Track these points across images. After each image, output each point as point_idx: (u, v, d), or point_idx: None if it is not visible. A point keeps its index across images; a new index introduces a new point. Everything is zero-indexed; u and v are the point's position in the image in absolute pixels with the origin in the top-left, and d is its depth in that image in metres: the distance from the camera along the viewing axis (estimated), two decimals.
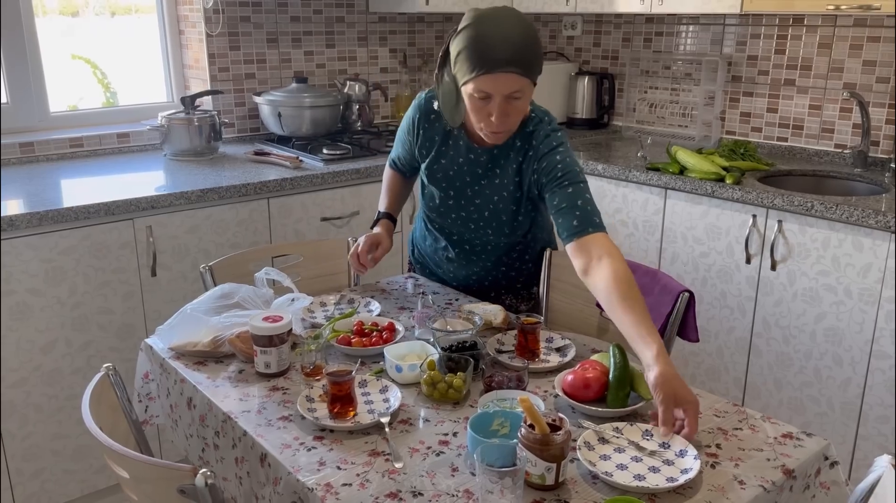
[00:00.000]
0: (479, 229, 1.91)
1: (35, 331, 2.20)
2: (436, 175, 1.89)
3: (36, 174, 2.57)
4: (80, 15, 3.07)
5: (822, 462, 1.32)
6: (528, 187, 1.80)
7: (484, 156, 1.82)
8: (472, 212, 1.89)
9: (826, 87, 2.85)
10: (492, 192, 1.84)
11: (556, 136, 1.76)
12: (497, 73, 1.56)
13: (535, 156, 1.76)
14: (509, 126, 1.68)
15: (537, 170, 1.75)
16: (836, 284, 2.28)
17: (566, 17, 3.64)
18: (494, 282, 2.03)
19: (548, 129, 1.77)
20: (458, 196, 1.89)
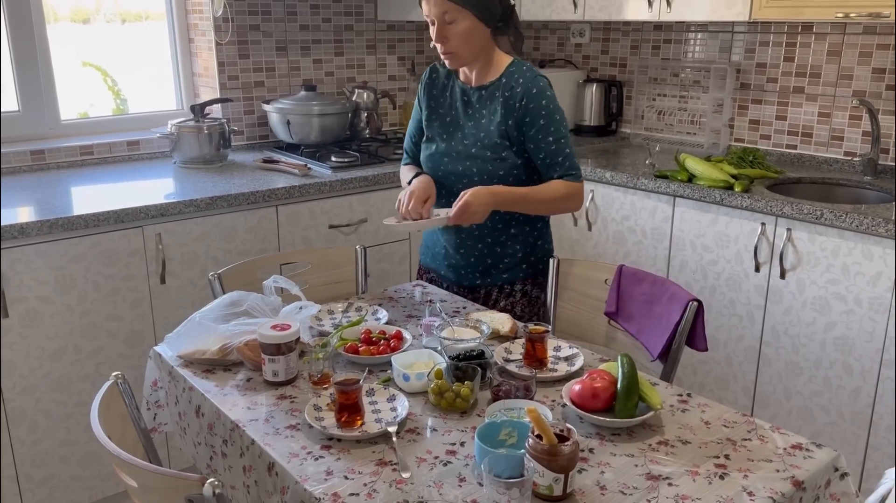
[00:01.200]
0: (466, 171, 1.97)
1: (45, 338, 2.21)
2: (433, 123, 2.05)
3: (46, 182, 2.59)
4: (90, 22, 3.09)
5: (832, 473, 1.31)
6: (512, 122, 1.92)
7: (475, 94, 1.99)
8: (461, 152, 1.98)
9: (835, 95, 2.84)
10: (479, 129, 1.97)
11: (541, 80, 1.92)
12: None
13: (521, 92, 1.90)
14: (453, 49, 1.87)
15: (522, 107, 1.90)
16: (845, 293, 2.27)
17: (574, 25, 3.65)
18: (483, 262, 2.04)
19: (534, 72, 1.93)
20: (450, 138, 2.01)
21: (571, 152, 1.94)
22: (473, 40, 1.87)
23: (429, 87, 2.06)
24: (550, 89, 1.94)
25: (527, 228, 2.04)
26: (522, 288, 2.07)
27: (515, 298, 2.07)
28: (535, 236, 2.06)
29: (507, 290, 2.07)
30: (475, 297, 2.08)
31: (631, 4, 2.97)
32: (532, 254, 2.06)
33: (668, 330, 1.83)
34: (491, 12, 1.86)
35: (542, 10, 3.28)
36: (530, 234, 2.05)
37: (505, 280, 2.05)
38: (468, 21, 1.83)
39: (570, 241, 3.01)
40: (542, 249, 2.09)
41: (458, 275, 2.09)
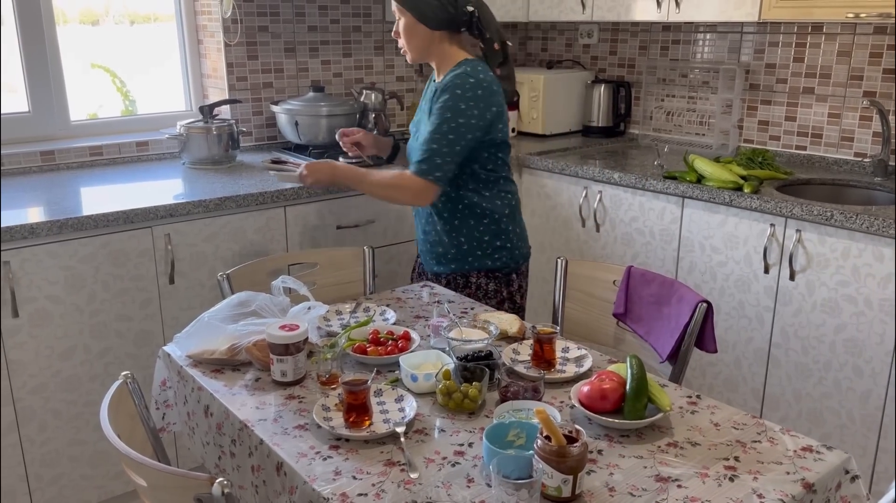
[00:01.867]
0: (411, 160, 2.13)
1: (54, 338, 2.22)
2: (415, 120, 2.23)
3: (56, 182, 2.60)
4: (99, 24, 3.10)
5: (843, 476, 1.31)
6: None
7: (431, 91, 2.13)
8: (414, 141, 2.15)
9: (845, 96, 2.83)
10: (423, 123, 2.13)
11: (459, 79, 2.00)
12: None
13: (441, 88, 2.03)
14: (401, 44, 2.09)
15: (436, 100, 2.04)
16: (856, 295, 2.26)
17: (582, 26, 3.64)
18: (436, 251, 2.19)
19: (461, 71, 2.02)
20: (414, 131, 2.20)
21: (434, 150, 1.99)
22: (414, 39, 2.05)
23: (425, 91, 2.24)
24: (466, 90, 1.98)
25: (471, 222, 2.13)
26: (476, 281, 2.17)
27: (471, 289, 2.18)
28: (482, 231, 2.13)
29: (460, 282, 2.18)
30: (440, 284, 2.20)
31: (639, 5, 2.96)
32: (478, 248, 2.14)
33: (677, 331, 1.82)
34: (428, 15, 2.01)
35: (550, 10, 3.27)
36: (475, 228, 2.13)
37: (453, 270, 2.18)
38: (408, 20, 2.03)
39: (578, 242, 3.00)
40: (491, 245, 2.15)
41: (424, 261, 2.28)
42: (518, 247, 2.19)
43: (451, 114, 1.98)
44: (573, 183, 2.96)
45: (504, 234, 2.15)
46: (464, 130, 1.99)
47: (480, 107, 1.99)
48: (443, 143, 1.98)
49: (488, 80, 2.02)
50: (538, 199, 3.11)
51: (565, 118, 3.55)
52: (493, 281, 2.17)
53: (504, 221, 2.15)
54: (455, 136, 1.98)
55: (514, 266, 2.19)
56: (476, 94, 1.99)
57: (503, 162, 2.14)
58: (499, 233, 2.14)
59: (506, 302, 2.20)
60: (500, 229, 2.14)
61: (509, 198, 2.17)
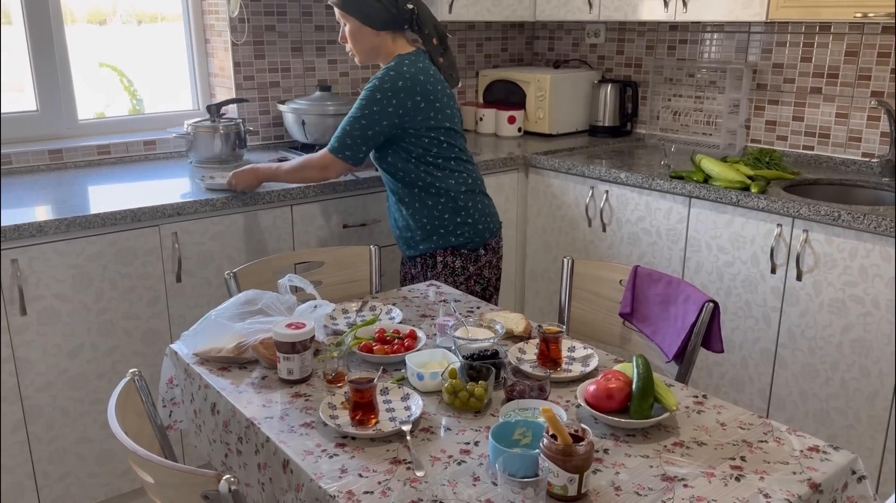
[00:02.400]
0: None
1: (62, 336, 2.23)
2: None
3: (64, 181, 2.61)
4: (107, 23, 3.12)
5: (850, 476, 1.30)
6: None
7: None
8: None
9: (853, 96, 2.82)
10: None
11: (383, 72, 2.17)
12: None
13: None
14: (349, 48, 2.25)
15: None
16: (863, 295, 2.25)
17: (589, 25, 3.64)
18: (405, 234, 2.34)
19: (387, 66, 2.19)
20: None
21: (346, 132, 2.19)
22: (360, 42, 2.21)
23: None
24: (384, 82, 2.15)
25: (429, 202, 2.27)
26: (443, 259, 2.30)
27: (438, 269, 2.31)
28: (441, 209, 2.27)
29: (430, 262, 2.32)
30: (416, 269, 2.35)
31: (646, 4, 2.96)
32: (440, 226, 2.28)
33: (684, 331, 1.82)
34: (372, 17, 2.15)
35: (557, 10, 3.27)
36: (434, 208, 2.27)
37: (422, 251, 2.31)
38: (353, 24, 2.17)
39: (584, 241, 3.00)
40: (452, 222, 2.28)
41: (400, 248, 2.41)
42: (481, 221, 2.32)
43: (366, 101, 2.16)
44: (579, 182, 2.96)
45: (464, 211, 2.28)
46: (377, 118, 2.16)
47: (400, 97, 2.15)
48: (355, 127, 2.18)
49: (412, 73, 2.17)
50: (544, 198, 3.11)
51: (572, 118, 3.55)
52: (459, 258, 2.30)
53: (462, 198, 2.28)
54: (367, 122, 2.17)
55: (480, 241, 2.32)
56: (395, 86, 2.15)
57: (449, 145, 2.27)
58: (457, 209, 2.28)
59: (473, 277, 2.33)
60: (458, 206, 2.28)
61: (464, 177, 2.30)
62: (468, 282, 2.32)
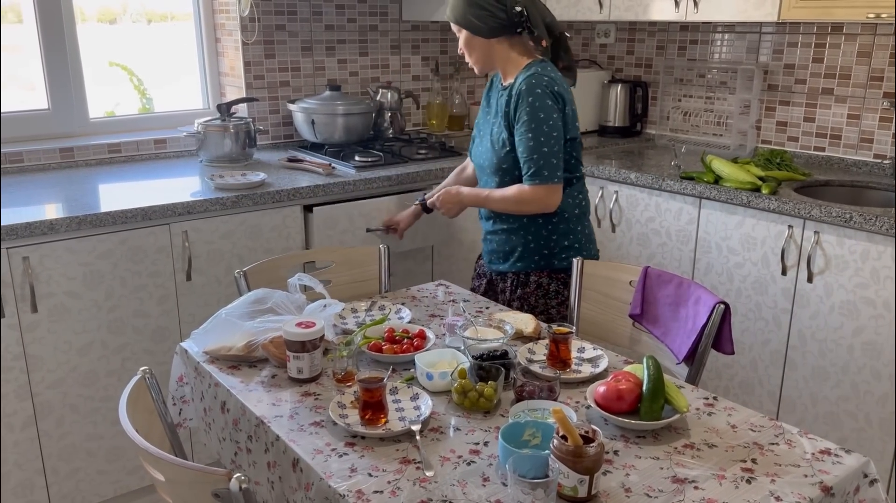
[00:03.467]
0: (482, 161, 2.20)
1: (73, 333, 2.24)
2: (478, 121, 2.29)
3: (75, 179, 2.63)
4: (117, 22, 3.13)
5: (862, 479, 1.30)
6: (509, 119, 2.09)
7: (496, 94, 2.19)
8: (481, 142, 2.22)
9: (865, 97, 2.80)
10: (492, 125, 2.17)
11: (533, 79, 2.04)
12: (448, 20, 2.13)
13: (516, 90, 2.06)
14: (469, 59, 2.15)
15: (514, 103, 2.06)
16: (874, 297, 2.23)
17: (599, 25, 3.63)
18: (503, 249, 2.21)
19: (531, 72, 2.06)
20: (480, 132, 2.25)
21: (544, 154, 2.01)
22: (475, 51, 2.12)
23: (487, 90, 2.28)
24: (542, 89, 2.01)
25: (539, 220, 2.14)
26: (537, 279, 2.17)
27: (530, 289, 2.18)
28: (549, 230, 2.14)
29: (522, 280, 2.19)
30: (504, 283, 2.23)
31: (657, 4, 2.95)
32: (545, 247, 2.15)
33: (694, 332, 1.81)
34: (481, 26, 2.05)
35: (568, 10, 3.27)
36: (543, 227, 2.14)
37: (520, 268, 2.19)
38: (465, 35, 2.10)
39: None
40: (558, 245, 2.15)
41: (489, 260, 2.29)
42: (585, 248, 2.19)
43: (543, 114, 2.01)
44: (589, 183, 2.95)
45: (572, 234, 2.16)
46: (557, 132, 2.02)
47: (559, 105, 2.04)
48: (551, 145, 2.01)
49: (558, 79, 2.07)
50: None
51: (582, 118, 3.49)
52: (555, 282, 2.17)
53: (574, 221, 2.16)
54: (556, 135, 2.02)
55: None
56: (553, 93, 2.03)
57: (577, 160, 2.15)
58: (567, 232, 2.15)
59: (565, 303, 2.17)
60: (569, 229, 2.15)
61: (580, 198, 2.18)
62: (560, 306, 2.17)
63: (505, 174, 2.12)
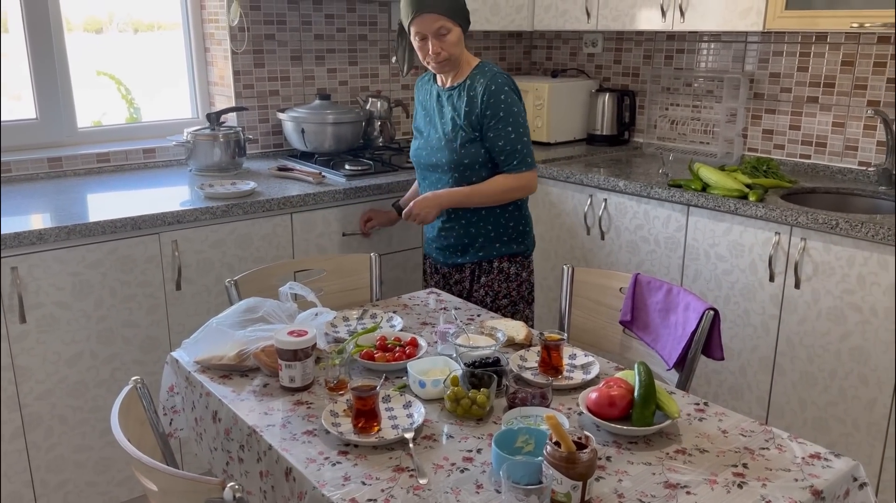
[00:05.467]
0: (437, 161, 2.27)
1: (61, 344, 2.23)
2: (419, 125, 2.37)
3: (64, 189, 2.61)
4: (103, 32, 3.12)
5: (851, 483, 1.31)
6: (475, 117, 2.18)
7: (445, 94, 2.27)
8: (433, 144, 2.29)
9: (849, 105, 2.84)
10: (445, 124, 2.25)
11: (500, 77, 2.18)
12: (423, 15, 2.10)
13: (482, 90, 2.16)
14: (446, 56, 2.16)
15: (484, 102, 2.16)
16: (861, 303, 2.26)
17: (587, 35, 3.66)
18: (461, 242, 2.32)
19: (494, 71, 2.19)
20: (427, 135, 2.32)
21: (525, 143, 2.21)
22: (460, 46, 2.19)
23: (418, 94, 2.40)
24: (510, 86, 2.19)
25: (497, 210, 2.29)
26: (499, 265, 2.33)
27: (493, 274, 2.33)
28: (507, 217, 2.31)
29: (485, 268, 2.34)
30: (461, 275, 2.37)
31: (644, 14, 2.98)
32: (504, 233, 2.31)
33: (684, 339, 1.83)
34: (468, 20, 2.18)
35: (555, 20, 3.29)
36: (501, 215, 2.30)
37: (482, 257, 2.32)
38: (457, 30, 2.15)
39: (583, 249, 3.01)
40: (515, 230, 2.33)
41: (444, 256, 2.38)
42: (532, 230, 2.41)
43: (517, 108, 2.19)
44: (578, 191, 2.97)
45: (524, 219, 2.36)
46: (526, 121, 2.23)
47: (519, 97, 2.24)
48: (527, 135, 2.22)
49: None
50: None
51: (570, 126, 3.56)
52: (514, 264, 2.35)
53: (524, 207, 2.36)
54: (526, 126, 2.22)
55: (531, 249, 2.40)
56: (515, 88, 2.22)
57: None
58: (521, 218, 2.34)
59: (524, 283, 2.38)
60: (521, 214, 2.34)
61: None
62: (520, 287, 2.36)
63: (465, 170, 2.23)
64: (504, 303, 2.35)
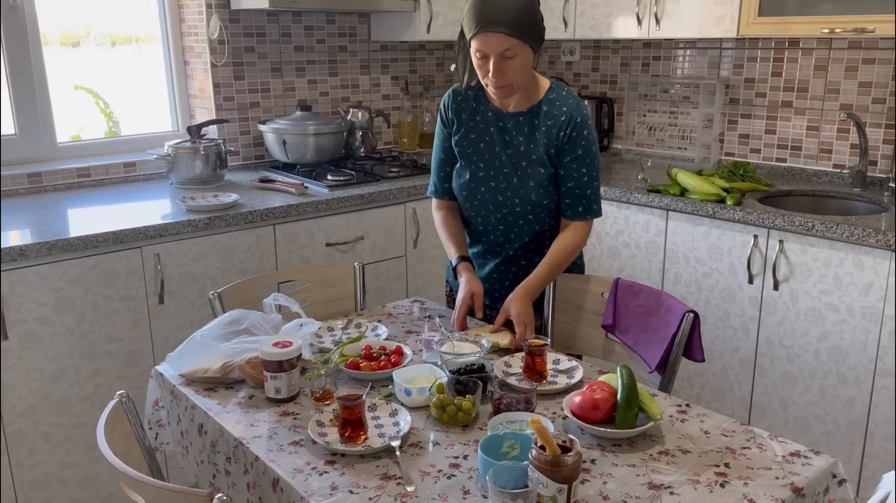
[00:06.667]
0: (507, 201, 1.94)
1: (44, 360, 2.21)
2: (467, 150, 1.98)
3: (44, 204, 2.60)
4: (81, 45, 3.11)
5: (831, 480, 1.33)
6: (554, 151, 1.89)
7: (511, 121, 1.93)
8: (501, 181, 1.94)
9: (823, 109, 2.89)
10: (519, 158, 1.92)
11: (584, 108, 1.90)
12: (487, 33, 1.73)
13: (566, 121, 1.87)
14: (508, 82, 1.81)
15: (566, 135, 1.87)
16: (838, 303, 2.30)
17: (565, 44, 3.70)
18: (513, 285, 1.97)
19: (576, 99, 1.91)
20: (488, 167, 1.95)
21: (595, 188, 1.93)
22: (528, 70, 1.85)
23: (456, 109, 1.99)
24: (590, 118, 1.91)
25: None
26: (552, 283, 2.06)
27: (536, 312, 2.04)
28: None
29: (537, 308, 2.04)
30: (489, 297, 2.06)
31: (620, 22, 3.02)
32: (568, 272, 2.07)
33: (665, 341, 1.85)
34: (542, 40, 1.83)
35: None
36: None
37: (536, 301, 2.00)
38: (526, 53, 1.79)
39: None
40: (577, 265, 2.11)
41: (492, 299, 2.06)
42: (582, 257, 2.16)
43: (594, 148, 1.91)
44: None
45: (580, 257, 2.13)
46: (599, 162, 1.95)
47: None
48: (599, 178, 1.94)
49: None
50: None
51: None
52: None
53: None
54: (598, 168, 1.95)
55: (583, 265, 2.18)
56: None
57: None
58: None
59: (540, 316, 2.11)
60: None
61: None
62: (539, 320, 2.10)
63: (542, 211, 1.94)
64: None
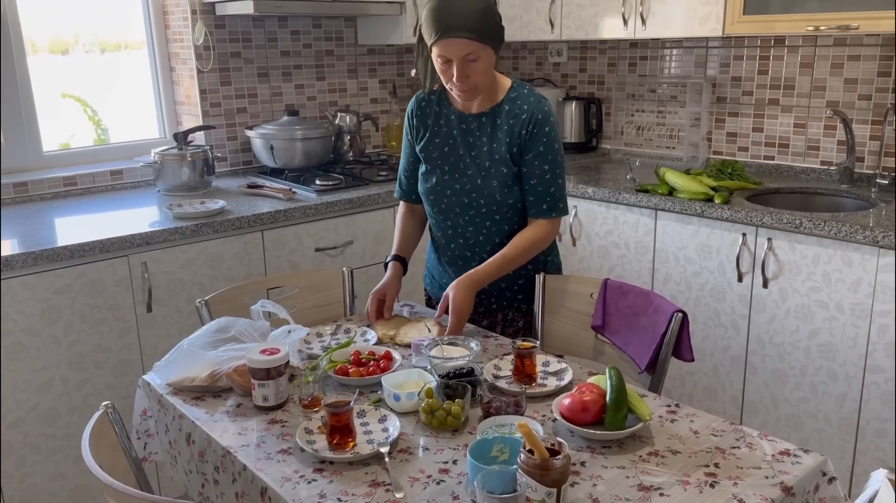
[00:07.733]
0: (472, 202, 1.95)
1: (31, 371, 2.20)
2: (432, 154, 1.99)
3: (30, 213, 2.58)
4: (69, 53, 3.10)
5: (820, 478, 1.33)
6: (517, 149, 1.90)
7: (474, 122, 1.94)
8: (465, 182, 1.95)
9: (810, 106, 2.90)
10: (482, 158, 1.93)
11: (545, 104, 1.90)
12: (449, 38, 1.74)
13: (527, 118, 1.88)
14: (473, 85, 1.83)
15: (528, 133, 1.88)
16: (827, 300, 2.30)
17: (552, 45, 3.70)
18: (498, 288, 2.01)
19: (538, 96, 1.91)
20: (452, 169, 1.96)
21: (560, 185, 1.92)
22: (491, 72, 1.87)
23: (420, 116, 2.01)
24: (553, 115, 1.90)
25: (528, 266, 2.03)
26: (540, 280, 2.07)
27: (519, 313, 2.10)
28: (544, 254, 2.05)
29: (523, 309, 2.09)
30: (493, 321, 2.08)
31: (607, 23, 3.02)
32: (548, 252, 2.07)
33: (655, 342, 1.85)
34: (502, 41, 1.85)
35: (520, 31, 3.32)
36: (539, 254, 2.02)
37: (521, 300, 2.07)
38: (489, 55, 1.80)
39: None
40: (552, 263, 2.10)
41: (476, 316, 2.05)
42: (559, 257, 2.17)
43: (557, 145, 1.90)
44: None
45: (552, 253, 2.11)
46: (564, 160, 1.94)
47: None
48: (563, 176, 1.93)
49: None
50: None
51: None
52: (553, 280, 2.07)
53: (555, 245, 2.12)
54: (563, 166, 1.93)
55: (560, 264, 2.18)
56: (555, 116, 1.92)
57: None
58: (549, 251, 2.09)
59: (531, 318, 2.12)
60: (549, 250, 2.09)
61: None
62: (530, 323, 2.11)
63: (508, 210, 1.94)
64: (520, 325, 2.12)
